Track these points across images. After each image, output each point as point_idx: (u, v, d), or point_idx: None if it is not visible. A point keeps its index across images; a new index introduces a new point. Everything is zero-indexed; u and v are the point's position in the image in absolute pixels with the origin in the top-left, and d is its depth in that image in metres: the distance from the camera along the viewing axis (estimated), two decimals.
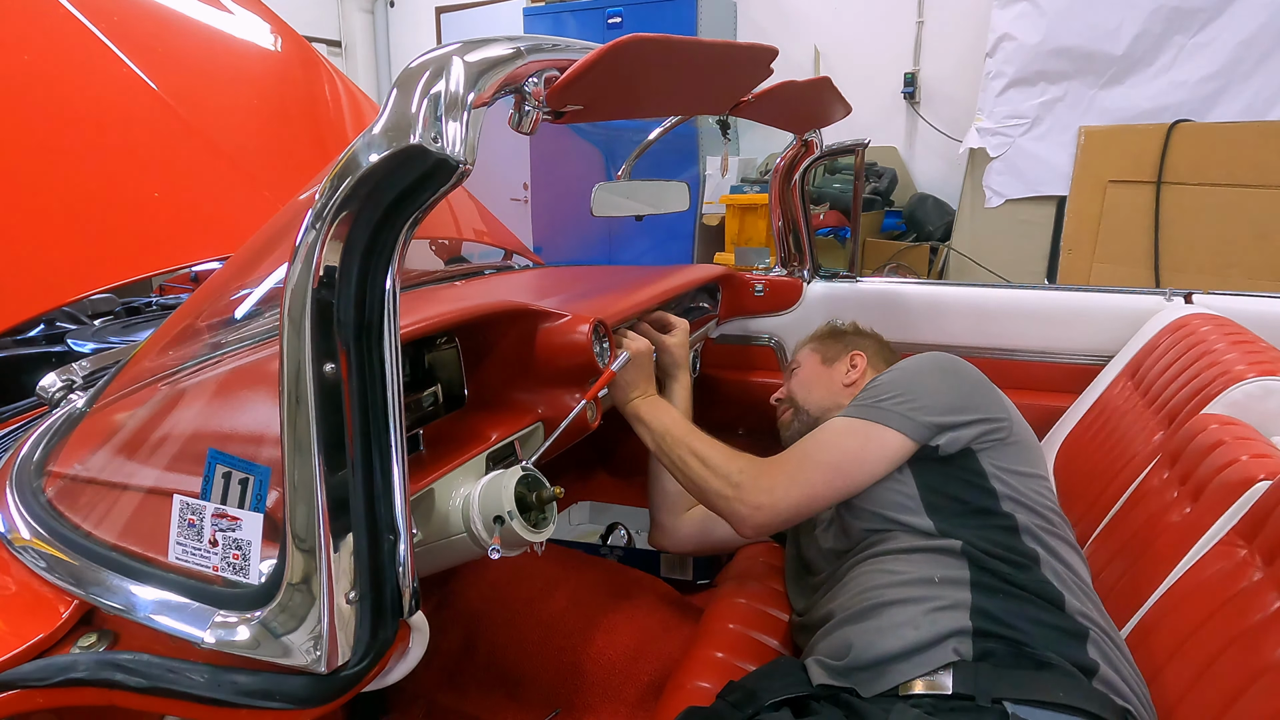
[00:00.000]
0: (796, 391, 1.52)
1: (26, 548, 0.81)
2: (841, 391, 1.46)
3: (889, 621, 1.02)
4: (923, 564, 1.08)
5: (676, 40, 0.80)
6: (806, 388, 1.51)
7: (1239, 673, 0.82)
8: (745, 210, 4.48)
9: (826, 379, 1.50)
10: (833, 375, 1.49)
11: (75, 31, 1.52)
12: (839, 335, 1.58)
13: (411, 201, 0.63)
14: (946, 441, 1.14)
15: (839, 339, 1.57)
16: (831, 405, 1.44)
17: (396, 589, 0.70)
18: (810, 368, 1.53)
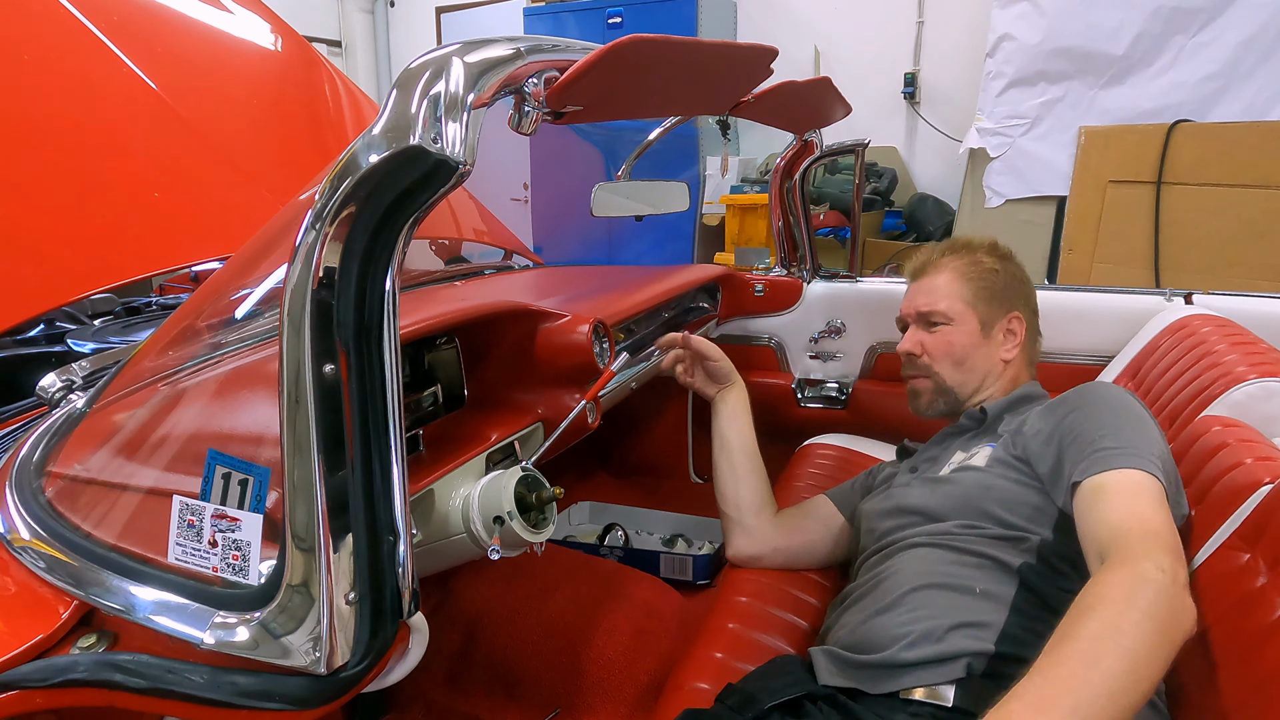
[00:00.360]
0: (941, 363, 1.29)
1: (26, 548, 0.81)
2: (997, 372, 1.29)
3: (914, 628, 0.98)
4: (973, 571, 1.03)
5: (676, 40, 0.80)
6: (957, 359, 1.28)
7: (1243, 680, 0.81)
8: (745, 210, 4.48)
9: (985, 353, 1.28)
10: (990, 347, 1.28)
11: (75, 31, 1.52)
12: (995, 282, 1.30)
13: (411, 202, 0.63)
14: None
15: (997, 290, 1.30)
16: (979, 387, 1.29)
17: (396, 590, 0.70)
18: (965, 331, 1.28)
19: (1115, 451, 0.98)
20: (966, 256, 1.32)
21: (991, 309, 1.29)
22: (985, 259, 1.32)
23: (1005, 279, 1.31)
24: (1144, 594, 0.76)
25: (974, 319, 1.28)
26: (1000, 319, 1.29)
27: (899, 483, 1.27)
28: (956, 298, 1.29)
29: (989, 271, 1.30)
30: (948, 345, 1.28)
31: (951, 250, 1.34)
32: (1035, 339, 1.34)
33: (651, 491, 2.23)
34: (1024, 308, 1.31)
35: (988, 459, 1.16)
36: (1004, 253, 1.34)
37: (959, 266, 1.31)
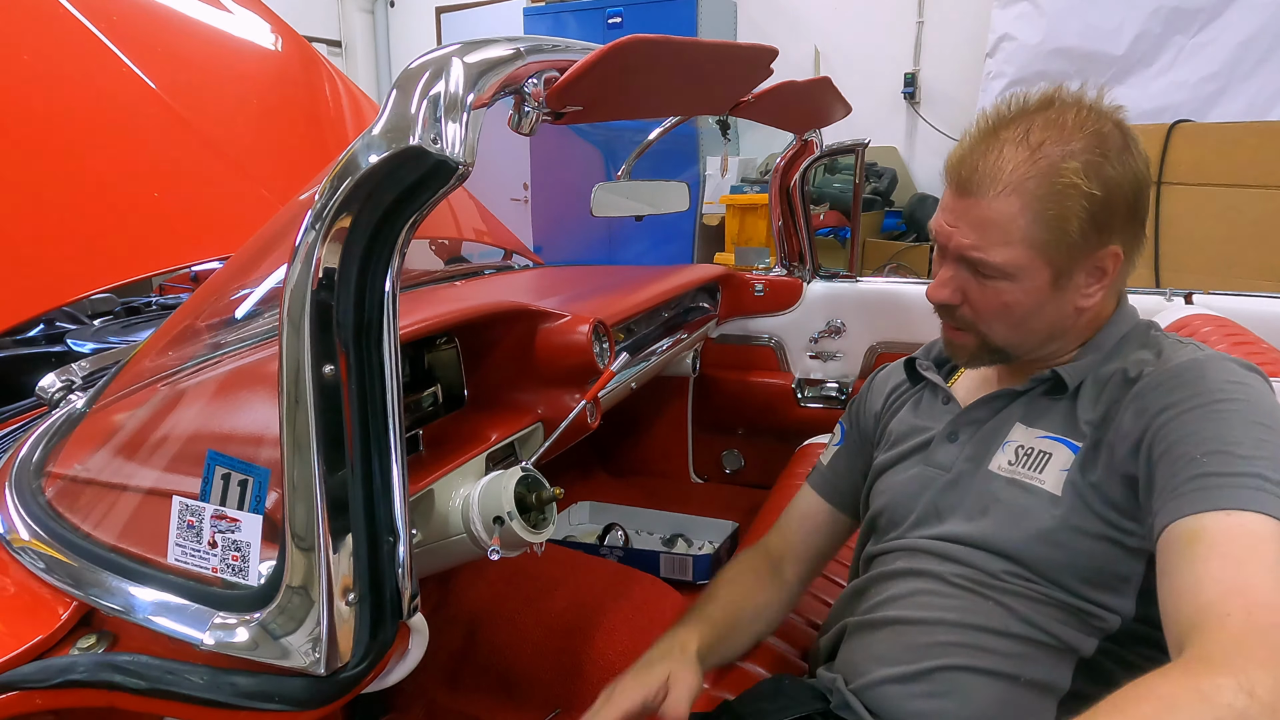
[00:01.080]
0: (991, 322, 0.89)
1: (26, 548, 0.81)
2: (1070, 323, 0.90)
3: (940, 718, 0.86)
4: (1022, 648, 0.84)
5: (676, 41, 0.80)
6: (1014, 321, 0.88)
7: None
8: (745, 210, 4.48)
9: (1055, 307, 0.87)
10: (1064, 298, 0.87)
11: (75, 31, 1.52)
12: (1088, 212, 0.82)
13: (411, 202, 0.63)
14: None
15: (1092, 222, 0.82)
16: (1044, 344, 0.91)
17: (396, 590, 0.70)
18: (1031, 289, 0.86)
19: (1231, 479, 0.68)
20: (1049, 166, 0.81)
21: (1074, 253, 0.83)
22: (1079, 175, 0.80)
23: (1106, 199, 0.81)
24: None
25: (1045, 272, 0.84)
26: (1085, 261, 0.84)
27: (935, 460, 0.97)
28: (1023, 245, 0.83)
29: (1084, 197, 0.81)
30: (1002, 306, 0.87)
31: (1027, 144, 0.82)
32: (1134, 260, 0.89)
33: (651, 491, 2.23)
34: (1125, 230, 0.85)
35: (1063, 480, 0.84)
36: (1114, 146, 0.82)
37: (1037, 190, 0.81)
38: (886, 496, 1.02)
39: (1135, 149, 0.85)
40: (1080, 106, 0.85)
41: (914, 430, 1.03)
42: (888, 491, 1.02)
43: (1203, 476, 0.70)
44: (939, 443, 0.98)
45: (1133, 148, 0.84)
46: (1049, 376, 0.90)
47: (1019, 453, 0.90)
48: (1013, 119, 0.85)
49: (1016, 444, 0.90)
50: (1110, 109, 0.86)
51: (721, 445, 2.28)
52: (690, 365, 2.15)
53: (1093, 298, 0.88)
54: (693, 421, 2.27)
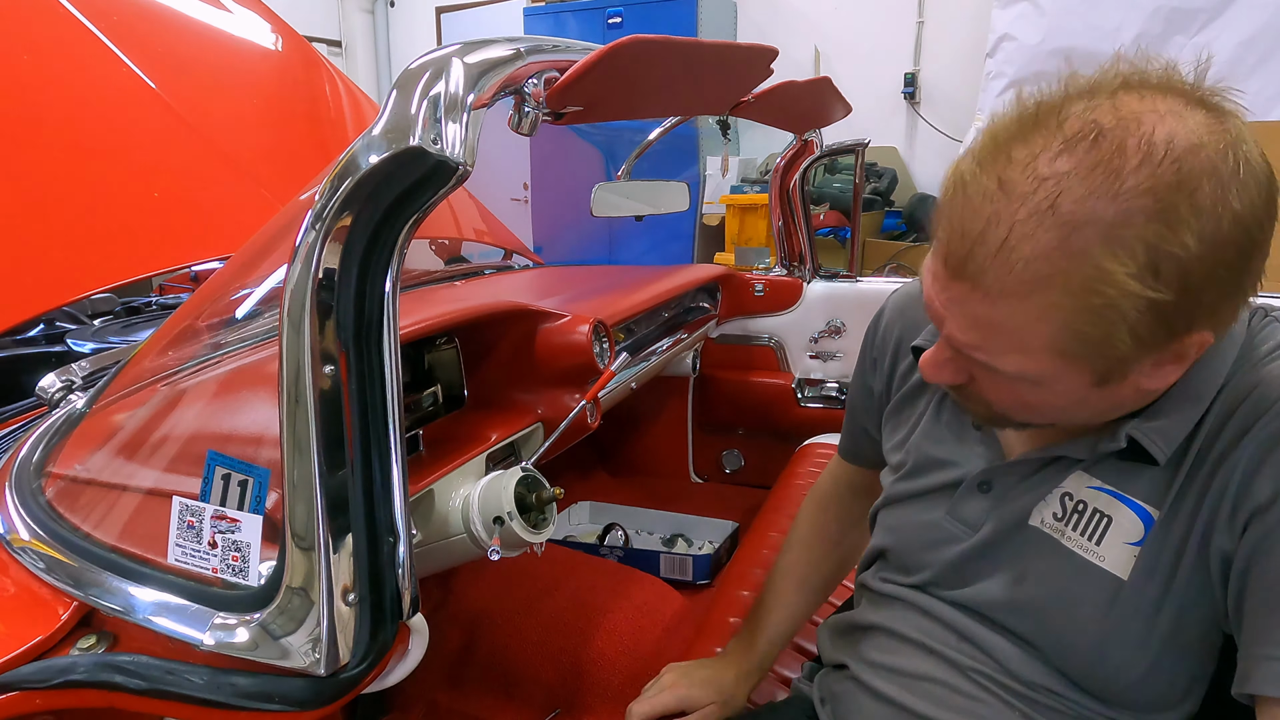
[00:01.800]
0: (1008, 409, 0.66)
1: (26, 549, 0.81)
2: (1131, 404, 0.63)
3: None
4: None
5: (676, 41, 0.80)
6: (1042, 414, 0.66)
7: None
8: (745, 210, 4.48)
9: (1102, 399, 0.62)
10: (1116, 392, 0.61)
11: (75, 31, 1.52)
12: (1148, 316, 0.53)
13: (411, 203, 0.63)
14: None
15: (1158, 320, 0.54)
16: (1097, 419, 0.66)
17: (396, 591, 0.70)
18: (1062, 392, 0.61)
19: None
20: (1086, 272, 0.53)
21: (1129, 359, 0.57)
22: (1136, 280, 0.52)
23: (1183, 293, 0.53)
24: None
25: (1084, 376, 0.59)
26: (1148, 360, 0.57)
27: (960, 514, 0.75)
28: (1047, 353, 0.57)
29: (1142, 307, 0.53)
30: (1023, 405, 0.65)
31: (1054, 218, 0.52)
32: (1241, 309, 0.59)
33: (651, 491, 2.23)
34: (1219, 308, 0.56)
35: (1133, 561, 0.64)
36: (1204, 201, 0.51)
37: (1065, 302, 0.54)
38: (896, 536, 0.83)
39: (1247, 178, 0.52)
40: (1148, 136, 0.51)
41: (935, 464, 0.79)
42: (899, 530, 0.82)
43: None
44: (968, 493, 0.75)
45: (1242, 178, 0.52)
46: (1124, 446, 0.63)
47: (1066, 503, 0.67)
48: (1034, 160, 0.53)
49: (1065, 491, 0.68)
50: (1205, 122, 0.53)
51: (721, 445, 2.28)
52: (690, 365, 2.15)
53: (1166, 379, 0.60)
54: (693, 421, 2.27)
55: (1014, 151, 0.55)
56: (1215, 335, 0.57)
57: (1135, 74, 0.56)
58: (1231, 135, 0.53)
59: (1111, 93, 0.55)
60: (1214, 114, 0.55)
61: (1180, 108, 0.54)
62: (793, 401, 2.12)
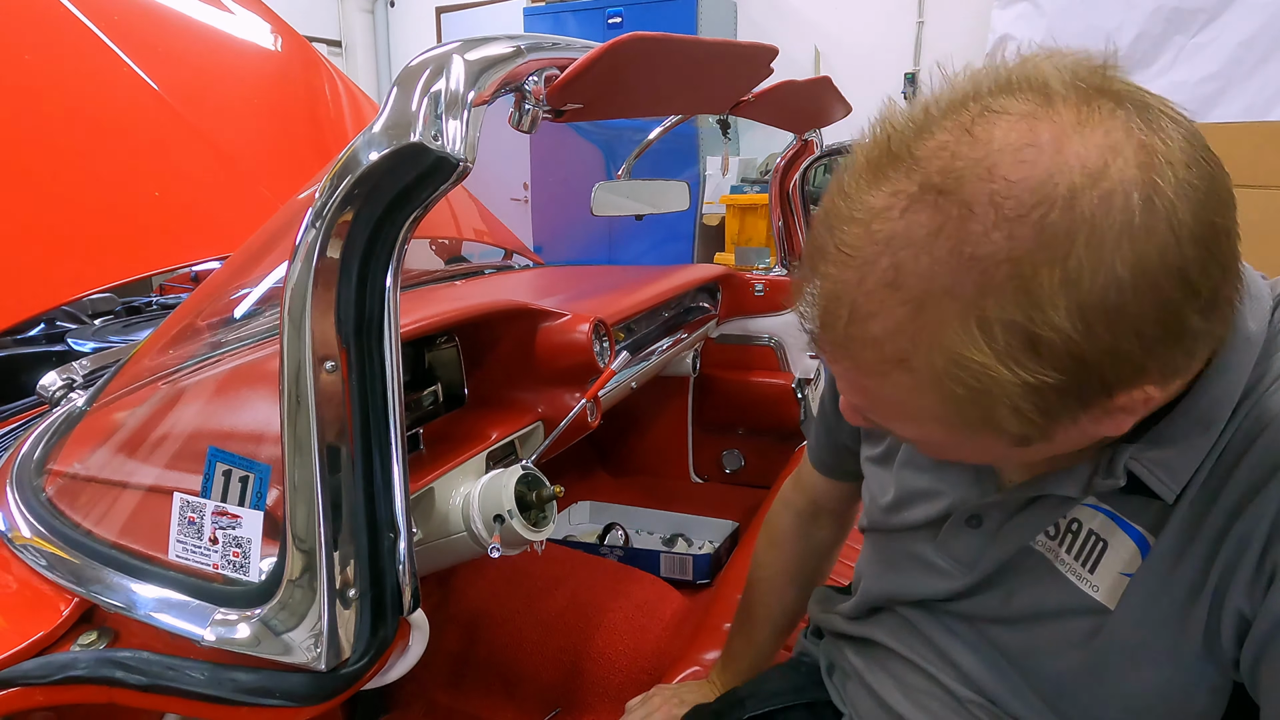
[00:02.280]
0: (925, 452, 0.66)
1: (27, 546, 0.81)
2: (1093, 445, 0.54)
3: None
4: None
5: (677, 39, 0.80)
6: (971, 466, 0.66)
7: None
8: (745, 210, 4.48)
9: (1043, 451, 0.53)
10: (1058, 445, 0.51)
11: (75, 31, 1.52)
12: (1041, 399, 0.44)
13: (411, 200, 0.63)
14: None
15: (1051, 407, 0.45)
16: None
17: (397, 586, 0.70)
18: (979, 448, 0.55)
19: None
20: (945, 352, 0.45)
21: (1030, 431, 0.48)
22: (1004, 364, 0.43)
23: (1077, 374, 0.44)
24: None
25: (996, 441, 0.50)
26: (1073, 425, 0.48)
27: (951, 550, 0.69)
28: (938, 424, 0.51)
29: (1022, 393, 0.45)
30: (933, 453, 0.64)
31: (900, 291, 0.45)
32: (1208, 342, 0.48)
33: (651, 491, 2.23)
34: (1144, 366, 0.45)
35: (1121, 588, 0.57)
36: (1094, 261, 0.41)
37: (933, 374, 0.46)
38: (883, 568, 0.78)
39: (1157, 215, 0.41)
40: (1004, 187, 0.41)
41: (918, 495, 0.71)
42: (886, 563, 0.77)
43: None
44: (956, 528, 0.68)
45: (1144, 221, 0.41)
46: (1124, 484, 0.55)
47: (1060, 523, 0.61)
48: (877, 208, 0.45)
49: (1051, 531, 0.62)
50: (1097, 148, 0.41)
51: (721, 445, 2.28)
52: (690, 365, 2.15)
53: (1119, 428, 0.49)
54: (693, 421, 2.27)
55: (859, 200, 0.46)
56: (1161, 379, 0.46)
57: (1024, 73, 0.45)
58: (1141, 155, 0.41)
59: (983, 108, 0.44)
60: (1119, 124, 0.42)
61: (1066, 126, 0.42)
62: (793, 401, 2.12)
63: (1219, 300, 0.45)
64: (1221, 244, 0.43)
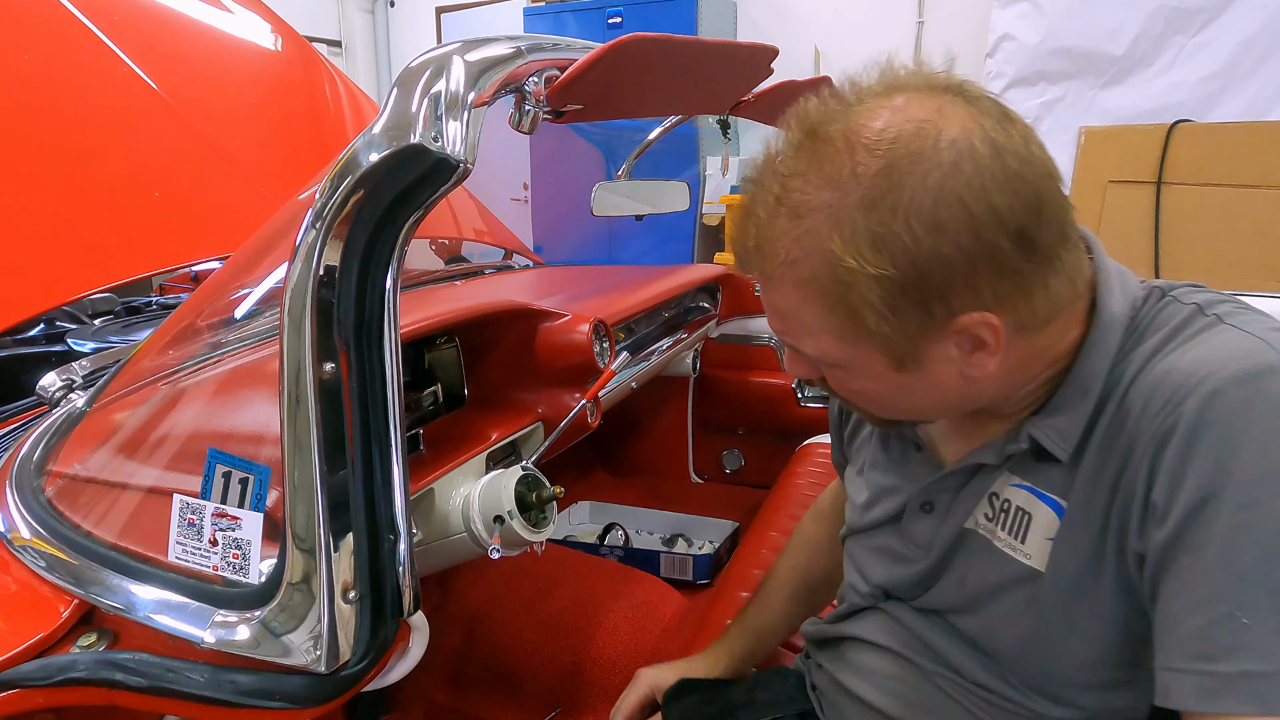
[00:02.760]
0: (856, 403, 0.73)
1: (26, 547, 0.81)
2: (974, 394, 0.65)
3: None
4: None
5: (677, 40, 0.80)
6: (877, 403, 0.71)
7: None
8: None
9: (925, 388, 0.64)
10: (935, 378, 0.63)
11: (75, 31, 1.52)
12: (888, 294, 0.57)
13: (412, 201, 0.63)
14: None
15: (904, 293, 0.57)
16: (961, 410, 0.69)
17: (397, 588, 0.70)
18: (871, 376, 0.65)
19: (1226, 676, 0.52)
20: (817, 247, 0.58)
21: (900, 341, 0.60)
22: (856, 255, 0.56)
23: (913, 273, 0.56)
24: None
25: (879, 360, 0.62)
26: (929, 343, 0.60)
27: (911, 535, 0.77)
28: (829, 336, 0.61)
29: (873, 283, 0.56)
30: (855, 393, 0.69)
31: (787, 206, 0.59)
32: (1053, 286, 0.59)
33: (651, 491, 2.23)
34: (983, 291, 0.57)
35: (1049, 550, 0.64)
36: (917, 186, 0.55)
37: (813, 279, 0.59)
38: (860, 565, 0.84)
39: (958, 155, 0.54)
40: (852, 132, 0.57)
41: (884, 492, 0.80)
42: (862, 560, 0.84)
43: (1199, 661, 0.53)
44: (912, 515, 0.76)
45: (945, 155, 0.54)
46: (1027, 448, 0.65)
47: (994, 503, 0.69)
48: (778, 153, 0.63)
49: (992, 491, 0.70)
50: (933, 110, 0.56)
51: (721, 445, 2.28)
52: (690, 365, 2.15)
53: (983, 367, 0.61)
54: (693, 421, 2.27)
55: (768, 149, 0.64)
56: (1002, 314, 0.58)
57: (895, 75, 0.61)
58: (967, 123, 0.56)
59: (860, 93, 0.60)
60: (958, 107, 0.57)
61: (913, 100, 0.57)
62: (793, 401, 2.11)
63: (1041, 249, 0.57)
64: (1041, 207, 0.56)
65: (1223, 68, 3.66)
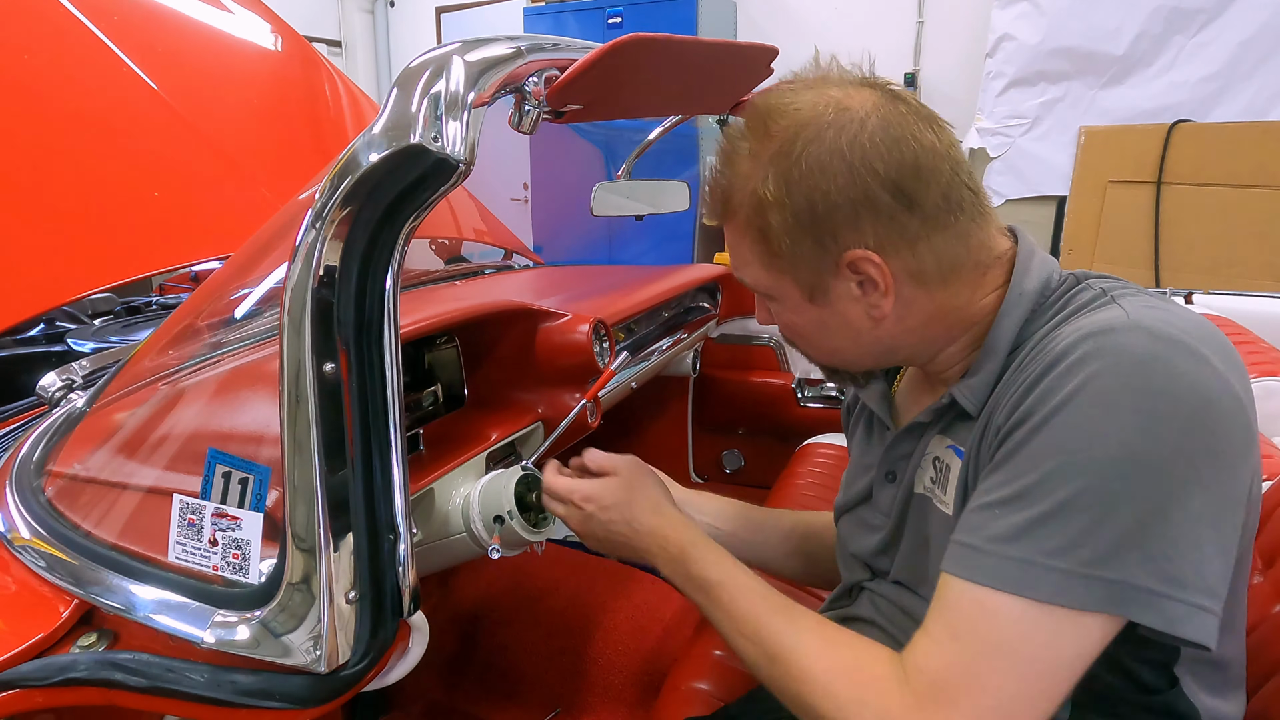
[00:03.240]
0: (793, 342, 0.83)
1: (26, 547, 0.81)
2: (885, 338, 0.75)
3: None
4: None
5: (677, 40, 0.80)
6: (814, 345, 0.81)
7: None
8: None
9: (838, 324, 0.75)
10: (841, 315, 0.75)
11: (75, 31, 1.52)
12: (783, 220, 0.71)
13: (411, 201, 0.63)
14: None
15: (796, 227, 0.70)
16: (880, 359, 0.80)
17: (396, 588, 0.70)
18: (794, 309, 0.77)
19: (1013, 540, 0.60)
20: (741, 178, 0.74)
21: (805, 267, 0.72)
22: (763, 184, 0.70)
23: (804, 203, 0.69)
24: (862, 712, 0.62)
25: (795, 290, 0.74)
26: (826, 273, 0.72)
27: (880, 505, 0.86)
28: (758, 265, 0.76)
29: (773, 208, 0.70)
30: (787, 327, 0.80)
31: (730, 157, 0.75)
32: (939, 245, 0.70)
33: None
34: (865, 230, 0.69)
35: (954, 495, 0.73)
36: (807, 136, 0.69)
37: (740, 208, 0.74)
38: (841, 545, 0.92)
39: (847, 122, 0.68)
40: (767, 107, 0.72)
41: (862, 469, 0.90)
42: (843, 538, 0.92)
43: (958, 533, 0.64)
44: (879, 485, 0.86)
45: (839, 122, 0.68)
46: (947, 404, 0.74)
47: (937, 466, 0.77)
48: (735, 126, 0.78)
49: (935, 455, 0.77)
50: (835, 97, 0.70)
51: (721, 445, 2.28)
52: (690, 365, 2.15)
53: (880, 308, 0.72)
54: (693, 421, 2.27)
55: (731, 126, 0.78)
56: (882, 253, 0.69)
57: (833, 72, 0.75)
58: (866, 105, 0.69)
59: (804, 84, 0.74)
60: (866, 93, 0.71)
61: (832, 86, 0.72)
62: (793, 401, 2.12)
63: (921, 207, 0.68)
64: (919, 172, 0.68)
65: (1222, 68, 3.66)
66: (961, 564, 0.63)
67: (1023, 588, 0.59)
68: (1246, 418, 0.59)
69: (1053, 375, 0.61)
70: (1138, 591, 0.57)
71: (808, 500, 1.62)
